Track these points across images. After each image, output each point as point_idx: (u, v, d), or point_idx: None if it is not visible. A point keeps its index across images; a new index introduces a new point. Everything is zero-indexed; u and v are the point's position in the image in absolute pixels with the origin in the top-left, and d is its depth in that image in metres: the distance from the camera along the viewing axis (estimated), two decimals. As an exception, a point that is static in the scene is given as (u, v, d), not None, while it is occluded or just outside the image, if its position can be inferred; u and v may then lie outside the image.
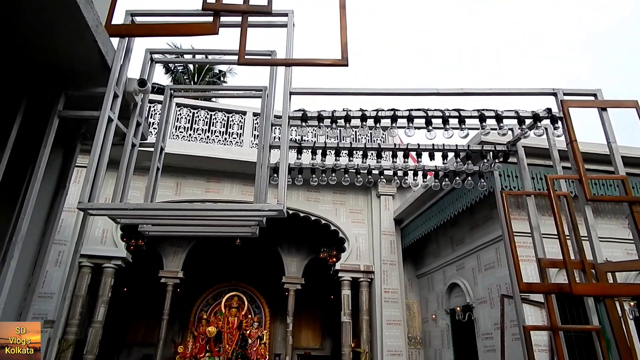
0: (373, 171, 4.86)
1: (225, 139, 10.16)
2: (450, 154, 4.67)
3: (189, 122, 10.12)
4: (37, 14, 2.85)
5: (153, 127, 9.35)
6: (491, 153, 4.68)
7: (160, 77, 20.04)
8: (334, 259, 10.91)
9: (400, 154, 4.64)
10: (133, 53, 3.75)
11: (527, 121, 4.14)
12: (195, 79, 20.03)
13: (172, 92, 4.63)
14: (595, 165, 6.31)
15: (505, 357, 6.70)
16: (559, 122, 3.99)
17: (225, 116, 10.41)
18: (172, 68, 20.05)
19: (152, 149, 4.27)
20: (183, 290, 12.21)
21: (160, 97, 9.03)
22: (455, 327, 8.79)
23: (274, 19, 3.78)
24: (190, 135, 10.00)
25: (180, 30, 3.45)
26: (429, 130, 4.09)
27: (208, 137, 10.08)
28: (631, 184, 3.73)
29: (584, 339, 5.90)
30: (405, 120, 4.13)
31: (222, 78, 21.33)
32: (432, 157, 4.62)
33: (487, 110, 4.09)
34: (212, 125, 10.23)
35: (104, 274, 9.00)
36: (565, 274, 3.35)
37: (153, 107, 9.91)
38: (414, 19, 60.23)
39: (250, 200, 9.56)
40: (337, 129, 4.24)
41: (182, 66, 20.06)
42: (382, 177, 4.91)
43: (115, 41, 3.51)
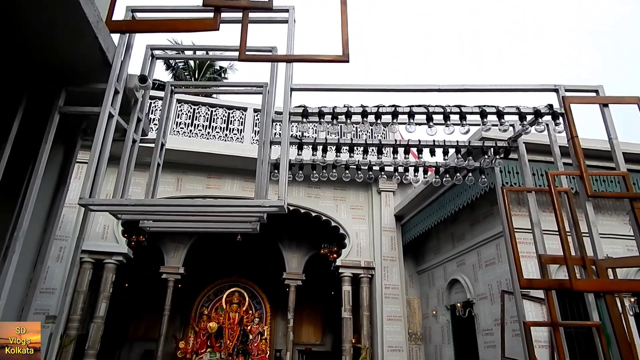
0: (374, 167, 4.85)
1: (226, 135, 10.16)
2: (451, 150, 4.66)
3: (189, 119, 10.12)
4: (37, 9, 2.84)
5: (154, 123, 9.35)
6: (492, 149, 4.66)
7: (161, 73, 20.06)
8: (334, 255, 10.94)
9: (401, 150, 4.64)
10: (134, 49, 3.75)
11: (529, 117, 4.13)
12: (196, 75, 20.01)
13: (173, 88, 4.63)
14: (596, 161, 6.30)
15: (506, 353, 6.72)
16: (560, 118, 3.98)
17: (226, 112, 10.40)
18: (173, 64, 20.04)
19: (153, 145, 4.27)
20: (184, 285, 12.24)
21: (161, 94, 9.03)
22: (455, 323, 8.81)
23: (274, 15, 3.77)
24: (191, 131, 10.00)
25: (181, 26, 3.44)
26: (429, 127, 4.09)
27: (209, 133, 10.08)
28: (632, 180, 3.73)
29: (584, 335, 5.91)
30: (406, 116, 4.12)
31: (222, 74, 21.31)
32: (432, 153, 4.62)
33: (488, 106, 4.07)
34: (213, 122, 10.23)
35: (105, 269, 9.04)
36: (565, 270, 3.36)
37: (154, 103, 9.91)
38: (415, 16, 60.04)
39: (251, 196, 9.56)
40: (338, 125, 4.24)
41: (182, 62, 20.04)
42: (382, 173, 4.91)
43: (115, 37, 3.51)
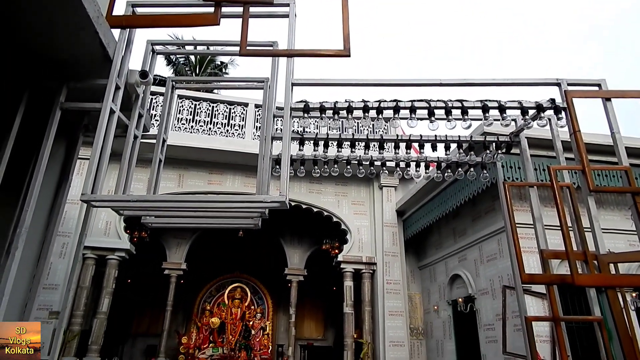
0: (375, 162, 4.84)
1: (227, 130, 10.16)
2: (453, 145, 4.64)
3: (190, 114, 10.11)
4: (38, 5, 2.83)
5: (155, 119, 9.34)
6: (494, 144, 4.65)
7: (162, 68, 20.00)
8: (336, 250, 10.96)
9: (402, 145, 4.62)
10: (134, 44, 3.73)
11: (531, 112, 4.11)
12: (197, 70, 19.96)
13: (174, 83, 4.62)
14: (598, 156, 6.28)
15: (507, 348, 6.74)
16: (563, 112, 3.96)
17: (227, 108, 10.39)
18: (174, 60, 19.98)
19: (155, 140, 4.26)
20: (186, 281, 12.30)
21: (162, 89, 9.02)
22: (457, 318, 8.83)
23: (275, 9, 3.76)
24: (192, 127, 10.00)
25: (182, 21, 3.43)
26: (431, 121, 4.07)
27: (210, 128, 10.08)
28: (634, 174, 3.71)
29: (586, 330, 5.92)
30: (407, 111, 4.10)
31: (223, 69, 21.24)
32: (434, 148, 4.61)
33: (490, 100, 4.06)
34: (214, 117, 10.22)
35: (107, 265, 9.08)
36: (567, 265, 3.36)
37: (155, 99, 9.91)
38: (415, 10, 59.74)
39: (252, 192, 9.57)
40: (339, 120, 4.22)
41: (183, 58, 19.98)
42: (384, 168, 4.90)
43: (116, 33, 3.49)
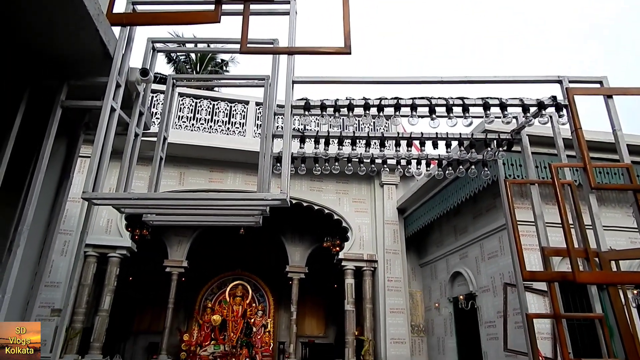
0: (376, 160, 4.84)
1: (228, 128, 10.16)
2: (454, 143, 4.64)
3: (191, 112, 10.11)
4: (38, 4, 2.83)
5: (156, 117, 9.34)
6: (495, 141, 4.64)
7: (163, 66, 19.99)
8: (337, 248, 10.97)
9: (403, 142, 4.62)
10: (135, 42, 3.73)
11: (532, 109, 4.11)
12: (198, 68, 19.94)
13: (175, 81, 4.61)
14: (600, 153, 6.26)
15: (508, 345, 6.75)
16: (564, 110, 3.95)
17: (227, 106, 10.39)
18: (174, 58, 19.96)
19: (155, 138, 4.26)
20: (188, 279, 12.31)
21: (162, 87, 9.02)
22: (458, 316, 8.84)
23: (276, 7, 3.74)
24: (193, 125, 10.00)
25: (182, 18, 3.41)
26: (432, 119, 4.07)
27: (211, 127, 10.08)
28: (636, 172, 3.70)
29: (587, 327, 5.92)
30: (408, 108, 4.10)
31: (224, 67, 21.22)
32: (435, 145, 4.60)
33: (491, 98, 4.05)
34: (215, 115, 10.22)
35: (109, 263, 9.10)
36: (568, 262, 3.35)
37: (155, 97, 9.91)
38: (416, 8, 59.56)
39: (253, 189, 9.58)
40: (340, 117, 4.22)
41: (184, 56, 19.97)
42: (385, 166, 4.89)
43: (116, 31, 3.49)
